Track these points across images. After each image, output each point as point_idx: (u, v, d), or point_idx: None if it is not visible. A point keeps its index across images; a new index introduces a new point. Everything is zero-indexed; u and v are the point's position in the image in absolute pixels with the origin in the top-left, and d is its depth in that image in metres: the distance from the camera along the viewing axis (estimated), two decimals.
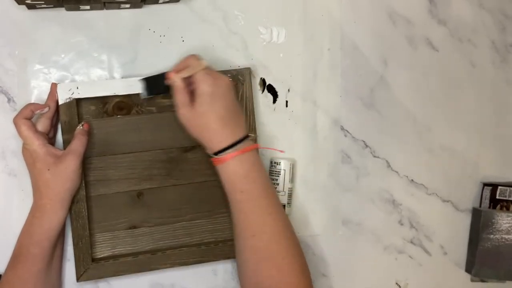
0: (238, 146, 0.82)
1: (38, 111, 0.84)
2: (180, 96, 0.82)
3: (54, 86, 0.86)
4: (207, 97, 0.80)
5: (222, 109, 0.81)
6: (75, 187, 0.84)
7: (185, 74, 0.82)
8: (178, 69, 0.83)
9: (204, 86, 0.80)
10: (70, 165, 0.81)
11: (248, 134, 0.84)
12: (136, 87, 0.88)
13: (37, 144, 0.81)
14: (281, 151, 0.97)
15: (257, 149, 0.86)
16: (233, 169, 0.82)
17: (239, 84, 0.92)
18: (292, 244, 0.84)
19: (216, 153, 0.82)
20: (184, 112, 0.82)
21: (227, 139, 0.81)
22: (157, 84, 0.87)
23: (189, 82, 0.83)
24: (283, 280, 0.81)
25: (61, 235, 0.86)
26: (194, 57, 0.84)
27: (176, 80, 0.82)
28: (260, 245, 0.82)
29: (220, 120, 0.81)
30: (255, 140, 0.92)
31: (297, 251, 0.84)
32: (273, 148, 0.95)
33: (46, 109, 0.85)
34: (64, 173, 0.81)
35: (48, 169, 0.81)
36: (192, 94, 0.82)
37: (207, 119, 0.81)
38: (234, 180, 0.82)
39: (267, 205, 0.83)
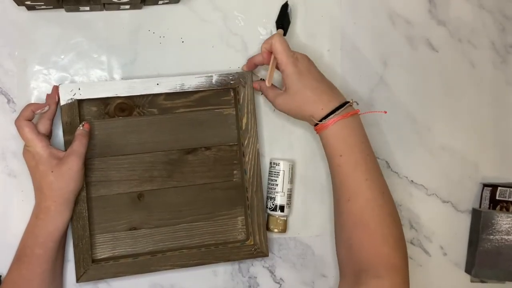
0: (339, 111, 0.84)
1: (39, 110, 0.84)
2: (270, 93, 0.90)
3: (55, 88, 0.86)
4: (294, 76, 0.85)
5: (313, 81, 0.86)
6: (78, 188, 0.84)
7: (270, 79, 0.88)
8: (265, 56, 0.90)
9: (288, 68, 0.85)
10: (72, 166, 0.81)
11: (348, 100, 0.87)
12: (137, 89, 0.88)
13: (40, 146, 0.81)
14: (384, 112, 0.98)
15: (358, 115, 0.88)
16: (334, 133, 0.85)
17: (241, 87, 0.92)
18: (387, 212, 0.84)
19: (320, 121, 0.85)
20: (280, 101, 0.88)
21: (328, 105, 0.85)
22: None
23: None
24: (374, 249, 0.82)
25: (64, 235, 0.86)
26: (279, 35, 0.89)
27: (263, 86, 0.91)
28: (355, 210, 0.84)
29: (315, 90, 0.86)
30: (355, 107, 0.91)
31: (392, 221, 0.85)
32: (374, 111, 0.96)
33: (47, 108, 0.85)
34: (67, 175, 0.81)
35: (52, 171, 0.81)
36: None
37: (303, 95, 0.86)
38: (333, 144, 0.85)
39: (364, 170, 0.85)
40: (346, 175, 0.85)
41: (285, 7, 0.96)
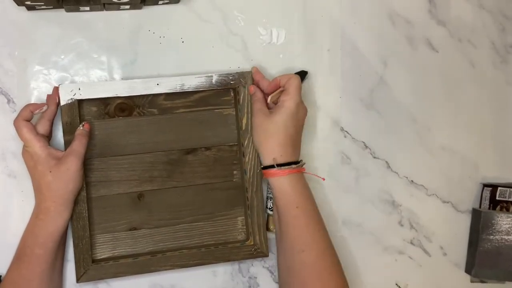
0: (295, 166, 0.87)
1: (37, 110, 0.84)
2: (261, 105, 0.90)
3: (55, 89, 0.86)
4: (288, 113, 0.87)
5: (293, 130, 0.88)
6: (78, 188, 0.84)
7: (272, 98, 0.91)
8: (253, 89, 0.92)
9: (292, 102, 0.87)
10: (71, 166, 0.81)
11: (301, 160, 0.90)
12: (138, 89, 0.88)
13: (38, 147, 0.81)
14: (322, 179, 0.99)
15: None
16: (291, 184, 0.87)
17: (241, 87, 0.92)
18: (336, 262, 0.88)
19: (270, 167, 0.87)
20: (260, 118, 0.88)
21: (288, 156, 0.87)
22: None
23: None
24: None
25: (64, 236, 0.86)
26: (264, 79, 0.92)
27: (258, 96, 0.91)
28: (309, 260, 0.86)
29: (289, 138, 0.87)
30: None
31: (340, 270, 0.88)
32: (314, 174, 0.97)
33: (45, 108, 0.85)
34: (66, 175, 0.81)
35: (50, 171, 0.81)
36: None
37: (278, 130, 0.87)
38: (291, 195, 0.87)
39: (317, 222, 0.88)
40: (301, 226, 0.87)
41: (303, 74, 0.97)
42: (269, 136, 0.87)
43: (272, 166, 0.87)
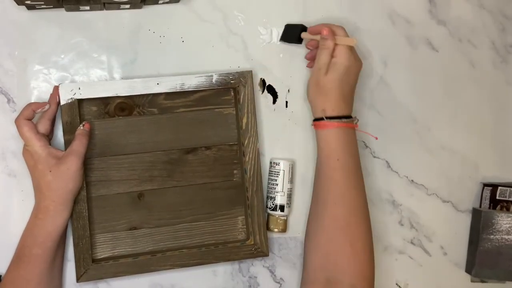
0: (345, 120, 0.88)
1: (39, 109, 0.84)
2: (325, 58, 0.89)
3: (56, 88, 0.86)
4: (342, 69, 0.88)
5: (347, 85, 0.89)
6: (77, 188, 0.84)
7: (342, 42, 0.89)
8: (330, 32, 0.89)
9: (344, 58, 0.88)
10: (71, 166, 0.81)
11: (354, 116, 0.91)
12: (138, 89, 0.88)
13: (39, 146, 0.81)
14: (376, 138, 1.00)
15: (355, 131, 0.91)
16: (336, 137, 0.88)
17: (241, 86, 0.92)
18: (367, 223, 0.89)
19: (322, 119, 0.88)
20: (318, 73, 0.89)
21: (340, 110, 0.89)
22: (293, 33, 0.96)
23: (316, 45, 0.93)
24: (353, 258, 0.85)
25: (64, 235, 0.86)
26: (344, 30, 0.91)
27: (330, 44, 0.89)
28: (340, 214, 0.87)
29: (341, 92, 0.88)
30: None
31: (370, 233, 0.89)
32: (366, 132, 0.99)
33: (47, 107, 0.85)
34: (66, 174, 0.81)
35: (50, 171, 0.81)
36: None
37: (332, 86, 0.88)
38: (334, 147, 0.88)
39: (354, 179, 0.89)
40: (338, 179, 0.88)
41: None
42: (323, 93, 0.89)
43: (321, 118, 0.88)
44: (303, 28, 0.95)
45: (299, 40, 0.96)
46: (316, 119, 0.90)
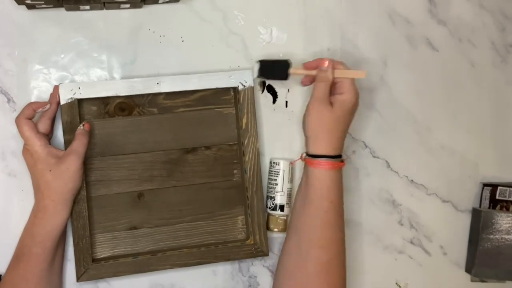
0: (339, 159, 0.86)
1: (40, 109, 0.84)
2: (326, 90, 0.86)
3: (56, 88, 0.86)
4: (349, 107, 0.86)
5: (347, 124, 0.88)
6: (77, 188, 0.84)
7: (351, 75, 0.87)
8: (330, 65, 0.87)
9: (352, 96, 0.86)
10: (71, 166, 0.81)
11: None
12: (138, 88, 0.88)
13: (39, 145, 0.81)
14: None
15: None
16: (334, 178, 0.86)
17: (241, 86, 0.92)
18: (344, 263, 0.87)
19: (316, 156, 0.85)
20: (320, 106, 0.85)
21: (337, 149, 0.86)
22: (278, 69, 0.91)
23: (312, 81, 0.90)
24: None
25: (63, 235, 0.86)
26: (345, 65, 0.88)
27: (329, 76, 0.86)
28: (324, 258, 0.85)
29: (342, 132, 0.87)
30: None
31: (345, 272, 0.87)
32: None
33: (48, 106, 0.85)
34: (66, 174, 0.81)
35: (50, 170, 0.81)
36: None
37: (335, 124, 0.85)
38: (328, 188, 0.85)
39: (342, 221, 0.88)
40: (329, 221, 0.86)
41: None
42: (327, 129, 0.86)
43: (320, 157, 0.86)
44: (289, 64, 0.91)
45: (285, 77, 0.91)
46: (311, 155, 0.87)
